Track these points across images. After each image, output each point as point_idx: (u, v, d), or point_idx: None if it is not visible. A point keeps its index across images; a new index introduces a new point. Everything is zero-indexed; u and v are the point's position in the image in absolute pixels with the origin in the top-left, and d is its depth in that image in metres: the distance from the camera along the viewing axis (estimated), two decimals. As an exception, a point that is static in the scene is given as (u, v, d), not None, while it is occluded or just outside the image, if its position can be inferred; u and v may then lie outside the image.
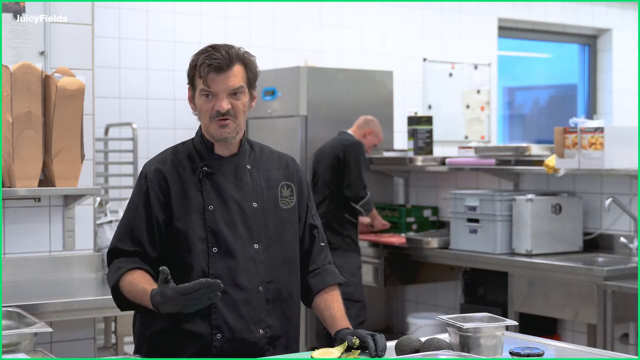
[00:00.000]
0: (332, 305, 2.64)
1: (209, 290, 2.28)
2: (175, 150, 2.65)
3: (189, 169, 2.58)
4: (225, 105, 2.50)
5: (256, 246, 2.56)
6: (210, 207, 2.53)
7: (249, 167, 2.62)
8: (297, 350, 2.63)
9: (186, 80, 2.61)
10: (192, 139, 2.67)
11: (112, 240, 2.62)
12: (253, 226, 2.56)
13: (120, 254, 2.57)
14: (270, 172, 2.66)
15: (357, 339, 2.40)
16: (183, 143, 2.67)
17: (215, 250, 2.51)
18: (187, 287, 2.29)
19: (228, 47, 2.55)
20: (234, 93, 2.52)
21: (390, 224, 6.11)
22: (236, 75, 2.52)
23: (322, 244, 2.73)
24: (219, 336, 2.49)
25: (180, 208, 2.53)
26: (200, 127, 2.64)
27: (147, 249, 2.54)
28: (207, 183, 2.55)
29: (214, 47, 2.54)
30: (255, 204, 2.58)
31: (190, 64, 2.57)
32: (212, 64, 2.49)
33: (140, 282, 2.47)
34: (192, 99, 2.60)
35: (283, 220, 2.62)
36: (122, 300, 2.56)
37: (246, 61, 2.56)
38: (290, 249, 2.64)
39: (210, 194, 2.54)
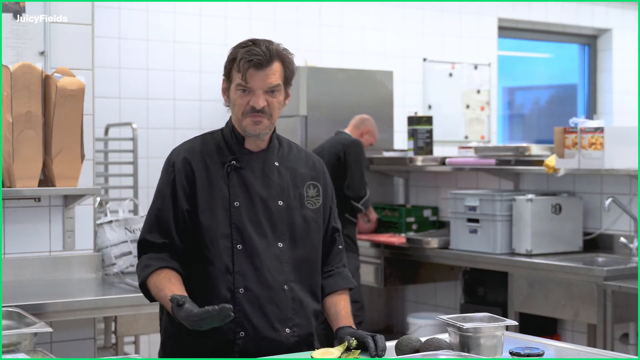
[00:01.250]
0: (339, 303, 2.65)
1: (219, 317, 2.28)
2: (204, 140, 2.62)
3: (217, 161, 2.56)
4: (261, 102, 2.48)
5: (280, 244, 2.55)
6: (236, 204, 2.52)
7: (276, 163, 2.60)
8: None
9: (186, 80, 2.61)
10: (222, 129, 2.64)
11: (141, 231, 2.60)
12: (278, 224, 2.55)
13: (150, 247, 2.55)
14: (297, 170, 2.64)
15: (355, 340, 2.39)
16: (212, 133, 2.64)
17: (239, 247, 2.50)
18: (197, 313, 2.29)
19: (268, 43, 2.51)
20: (271, 90, 2.50)
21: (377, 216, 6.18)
22: (274, 72, 2.50)
23: (340, 247, 2.73)
24: (242, 334, 2.48)
25: (206, 201, 2.52)
26: (230, 119, 2.61)
27: (176, 241, 2.53)
28: (234, 178, 2.53)
29: (254, 42, 2.51)
30: (281, 202, 2.56)
31: (228, 57, 2.53)
32: (252, 60, 2.46)
33: (164, 287, 2.46)
34: (225, 90, 2.57)
35: (308, 219, 2.61)
36: (149, 296, 2.57)
37: (285, 59, 2.53)
38: (315, 249, 2.63)
39: (236, 189, 2.53)
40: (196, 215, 2.51)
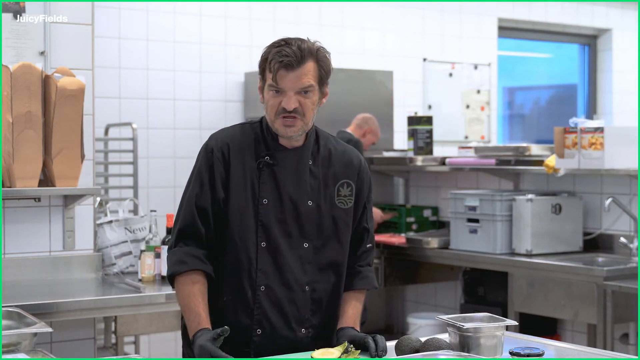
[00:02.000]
0: (350, 302, 2.63)
1: None
2: (243, 129, 2.59)
3: (252, 152, 2.53)
4: (292, 104, 2.45)
5: (306, 245, 2.53)
6: (265, 201, 2.50)
7: (310, 162, 2.57)
8: None
9: (186, 80, 2.60)
10: (261, 120, 2.60)
11: (180, 219, 2.54)
12: (306, 224, 2.53)
13: (190, 236, 2.50)
14: (331, 168, 2.60)
15: (353, 347, 2.38)
16: (251, 123, 2.61)
17: (263, 245, 2.49)
18: (216, 354, 2.29)
19: (301, 42, 2.47)
20: (304, 91, 2.46)
21: (392, 214, 6.12)
22: (307, 73, 2.46)
23: (368, 246, 2.70)
24: (259, 331, 2.49)
25: (238, 193, 2.50)
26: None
27: (212, 231, 2.51)
28: (265, 174, 2.52)
29: (286, 42, 2.47)
30: (310, 202, 2.54)
31: (262, 56, 2.51)
32: (282, 61, 2.43)
33: (199, 304, 2.44)
34: (261, 89, 2.55)
35: (338, 220, 2.58)
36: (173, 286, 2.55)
37: (319, 57, 2.50)
38: (341, 251, 2.60)
39: (266, 186, 2.51)
40: (228, 205, 2.50)
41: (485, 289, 5.50)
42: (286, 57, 2.43)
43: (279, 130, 2.50)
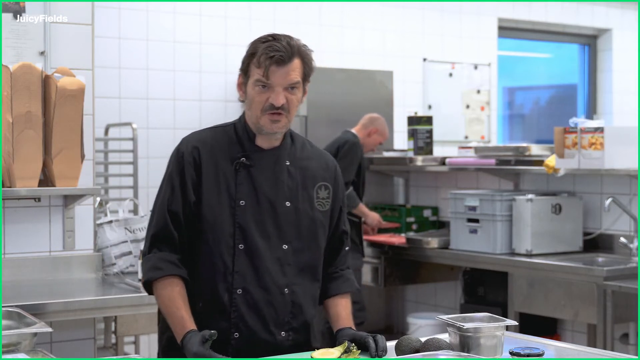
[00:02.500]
0: (340, 303, 2.62)
1: None
2: (215, 132, 2.56)
3: (227, 155, 2.51)
4: (281, 99, 2.43)
5: (285, 247, 2.51)
6: (242, 203, 2.48)
7: (287, 163, 2.55)
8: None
9: (186, 80, 2.58)
10: (234, 122, 2.59)
11: (153, 224, 2.52)
12: (284, 226, 2.51)
13: (163, 241, 2.49)
14: (309, 170, 2.59)
15: (355, 346, 2.38)
16: (224, 126, 2.59)
17: (241, 247, 2.47)
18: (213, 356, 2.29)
19: (289, 39, 2.46)
20: (291, 87, 2.45)
21: (396, 224, 6.10)
22: (295, 69, 2.45)
23: (346, 249, 2.70)
24: (236, 335, 2.46)
25: (211, 195, 2.48)
26: (243, 113, 2.57)
27: (185, 234, 2.49)
28: (242, 175, 2.49)
29: (274, 37, 2.45)
30: (288, 204, 2.52)
31: (247, 51, 2.48)
32: (274, 56, 2.41)
33: (180, 307, 2.43)
34: (242, 85, 2.52)
35: (317, 222, 2.57)
36: (151, 293, 2.54)
37: (304, 55, 2.49)
38: (319, 254, 2.59)
39: (243, 187, 2.48)
40: (200, 208, 2.48)
41: (485, 289, 5.50)
42: (277, 52, 2.41)
43: (264, 127, 2.47)
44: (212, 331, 2.33)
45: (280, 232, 2.51)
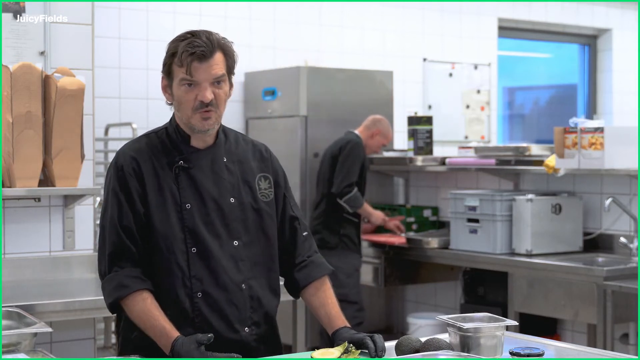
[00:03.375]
0: (326, 302, 2.59)
1: None
2: (149, 139, 2.53)
3: (164, 161, 2.49)
4: (208, 95, 2.40)
5: (236, 243, 2.50)
6: (188, 206, 2.46)
7: (225, 159, 2.54)
8: (281, 350, 2.59)
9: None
10: (166, 127, 2.56)
11: (108, 243, 2.46)
12: (231, 223, 2.49)
13: (122, 257, 2.45)
14: (246, 163, 2.58)
15: (353, 347, 2.37)
16: (156, 132, 2.55)
17: (194, 250, 2.45)
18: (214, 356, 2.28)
19: (208, 34, 2.44)
20: (217, 82, 2.43)
21: (400, 217, 6.11)
22: (218, 63, 2.42)
23: (304, 234, 2.66)
24: None
25: (157, 204, 2.45)
26: (173, 116, 2.54)
27: (140, 247, 2.45)
28: (183, 179, 2.47)
29: (193, 34, 2.44)
30: (232, 200, 2.51)
31: (167, 52, 2.47)
32: (195, 52, 2.39)
33: (158, 318, 2.39)
34: (167, 88, 2.50)
35: (263, 214, 2.55)
36: (119, 313, 2.51)
37: (225, 48, 2.46)
38: (271, 244, 2.57)
39: (186, 190, 2.47)
40: (149, 218, 2.45)
41: (485, 289, 5.50)
42: (198, 47, 2.39)
43: (196, 126, 2.45)
44: (209, 335, 2.32)
45: (229, 229, 2.49)
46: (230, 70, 2.48)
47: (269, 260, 2.57)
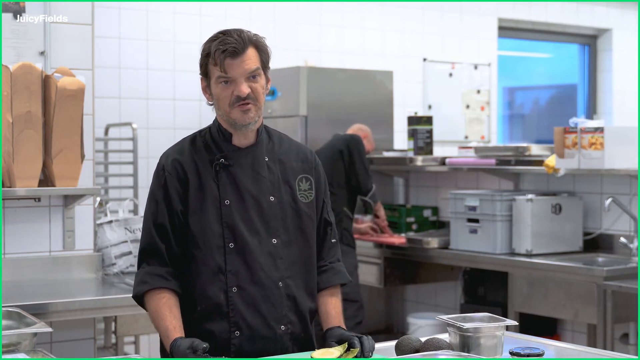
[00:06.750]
0: (330, 301, 2.62)
1: None
2: (192, 140, 2.60)
3: (206, 159, 2.54)
4: (245, 89, 2.46)
5: (274, 241, 2.53)
6: (227, 202, 2.50)
7: (266, 158, 2.58)
8: (314, 348, 2.59)
9: (186, 80, 2.58)
10: (209, 128, 2.61)
11: (142, 238, 2.56)
12: (270, 220, 2.53)
13: (151, 255, 2.52)
14: (288, 163, 2.61)
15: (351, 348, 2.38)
16: (200, 132, 2.62)
17: (231, 245, 2.48)
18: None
19: (239, 31, 2.50)
20: (252, 76, 2.48)
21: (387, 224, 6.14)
22: (251, 57, 2.47)
23: (333, 241, 2.69)
24: (237, 334, 2.47)
25: (197, 201, 2.50)
26: (216, 118, 2.59)
27: (174, 245, 2.51)
28: (223, 176, 2.52)
29: (224, 33, 2.49)
30: (272, 198, 2.54)
31: (202, 53, 2.52)
32: (226, 49, 2.44)
33: (165, 318, 2.44)
34: (206, 89, 2.55)
35: (301, 214, 2.58)
36: (142, 304, 2.57)
37: (258, 44, 2.51)
38: (309, 244, 2.60)
39: (226, 187, 2.51)
40: (188, 216, 2.50)
41: (485, 289, 5.50)
42: (230, 44, 2.44)
43: (237, 120, 2.49)
44: (204, 345, 2.32)
45: (268, 227, 2.52)
46: (264, 64, 2.53)
47: (307, 261, 2.60)
